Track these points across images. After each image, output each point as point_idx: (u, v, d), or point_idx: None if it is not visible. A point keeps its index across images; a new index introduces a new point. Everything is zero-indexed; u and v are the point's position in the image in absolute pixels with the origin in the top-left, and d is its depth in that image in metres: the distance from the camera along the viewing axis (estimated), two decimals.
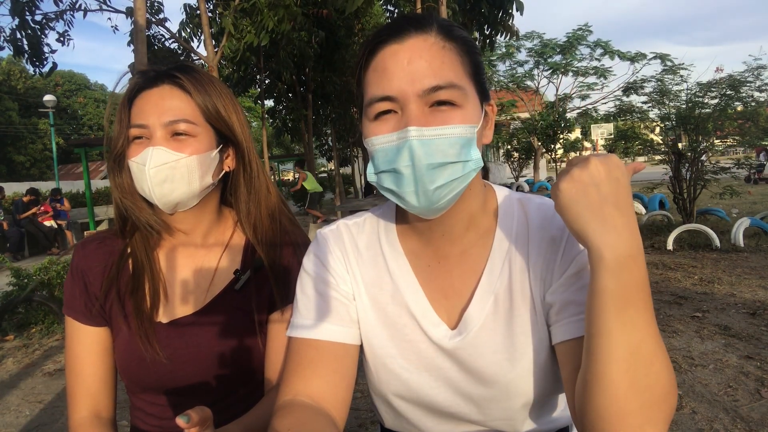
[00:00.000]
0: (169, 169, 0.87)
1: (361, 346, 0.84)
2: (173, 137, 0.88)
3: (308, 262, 0.85)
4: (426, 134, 0.66)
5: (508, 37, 7.88)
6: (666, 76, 8.43)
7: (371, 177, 0.73)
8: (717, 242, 6.14)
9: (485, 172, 0.83)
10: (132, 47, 5.57)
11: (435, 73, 0.67)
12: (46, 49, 6.40)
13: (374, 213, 0.88)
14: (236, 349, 0.94)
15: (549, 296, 0.74)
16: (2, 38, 6.16)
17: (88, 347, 0.95)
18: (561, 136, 14.45)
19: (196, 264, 0.99)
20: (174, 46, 7.69)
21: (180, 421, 0.61)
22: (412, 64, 0.67)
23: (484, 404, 0.78)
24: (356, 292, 0.83)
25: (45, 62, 6.45)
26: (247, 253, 1.01)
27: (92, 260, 0.96)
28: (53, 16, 6.42)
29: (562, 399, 0.83)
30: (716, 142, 7.99)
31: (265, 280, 0.97)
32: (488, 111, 0.76)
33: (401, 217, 0.84)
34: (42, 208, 10.98)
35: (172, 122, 0.88)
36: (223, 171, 0.97)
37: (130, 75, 0.92)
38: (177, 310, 0.95)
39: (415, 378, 0.79)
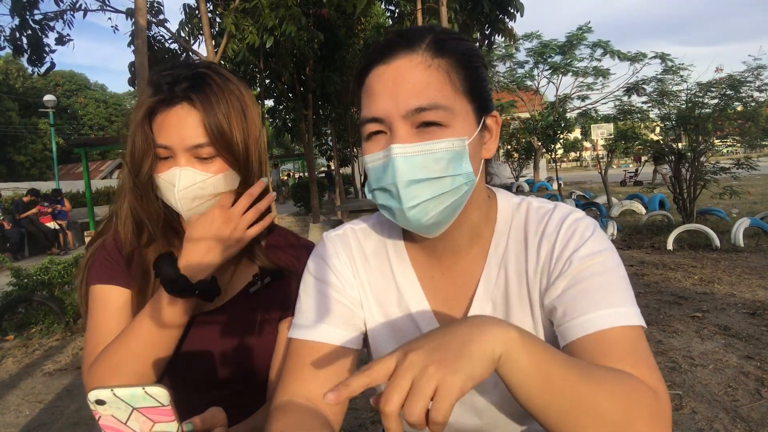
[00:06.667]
0: (198, 189, 0.88)
1: (369, 353, 0.84)
2: (197, 160, 0.89)
3: (313, 264, 0.85)
4: (409, 150, 0.67)
5: (505, 40, 7.86)
6: (666, 76, 8.42)
7: (368, 195, 0.74)
8: (717, 242, 6.14)
9: (489, 178, 0.82)
10: (132, 48, 5.57)
11: (419, 93, 0.67)
12: (45, 48, 6.39)
13: (381, 219, 0.87)
14: (244, 349, 0.96)
15: (549, 300, 0.73)
16: (2, 38, 6.16)
17: (117, 308, 0.93)
18: (561, 136, 14.42)
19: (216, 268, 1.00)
20: (174, 46, 7.67)
21: (184, 428, 0.61)
22: (397, 85, 0.67)
23: (487, 412, 0.78)
24: (363, 298, 0.83)
25: (44, 62, 6.45)
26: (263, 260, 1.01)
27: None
28: (53, 16, 6.41)
29: None
30: (716, 142, 7.98)
31: (279, 287, 0.99)
32: (490, 123, 0.74)
33: None
34: (38, 208, 10.96)
35: (195, 147, 0.87)
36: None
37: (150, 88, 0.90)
38: (194, 308, 0.97)
39: None
